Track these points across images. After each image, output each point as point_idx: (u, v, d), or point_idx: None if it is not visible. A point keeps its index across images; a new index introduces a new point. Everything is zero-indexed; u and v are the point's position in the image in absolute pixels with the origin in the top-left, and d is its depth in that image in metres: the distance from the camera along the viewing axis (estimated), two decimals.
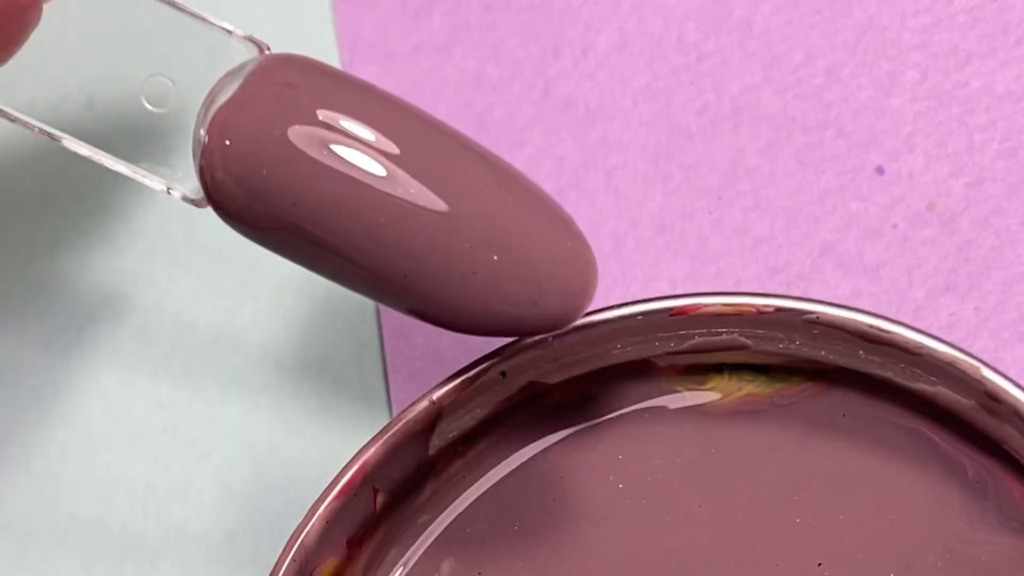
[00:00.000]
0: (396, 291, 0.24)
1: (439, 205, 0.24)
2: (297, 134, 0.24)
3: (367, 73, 0.33)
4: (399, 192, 0.24)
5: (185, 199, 0.26)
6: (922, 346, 0.26)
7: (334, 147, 0.24)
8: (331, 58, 0.33)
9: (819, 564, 0.26)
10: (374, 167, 0.24)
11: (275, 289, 0.32)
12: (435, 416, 0.26)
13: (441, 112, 0.32)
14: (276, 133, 0.24)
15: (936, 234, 0.30)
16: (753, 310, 0.26)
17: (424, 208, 0.24)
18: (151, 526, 0.31)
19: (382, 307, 0.31)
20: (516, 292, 0.24)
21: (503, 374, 0.27)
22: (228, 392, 0.31)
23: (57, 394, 0.32)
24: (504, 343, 0.26)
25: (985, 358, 0.28)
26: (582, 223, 0.31)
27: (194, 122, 0.25)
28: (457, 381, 0.26)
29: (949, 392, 0.26)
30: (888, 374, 0.26)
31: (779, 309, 0.26)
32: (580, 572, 0.27)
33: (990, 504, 0.26)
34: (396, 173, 0.24)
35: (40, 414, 0.32)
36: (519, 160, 0.32)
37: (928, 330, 0.26)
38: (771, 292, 0.27)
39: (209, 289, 0.32)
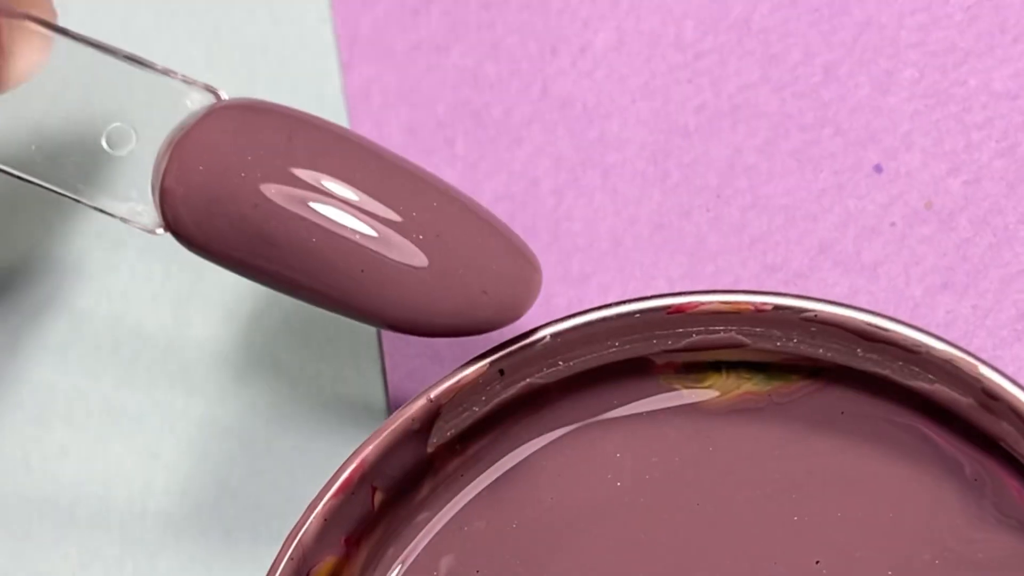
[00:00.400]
0: (351, 301, 0.25)
1: (392, 235, 0.25)
2: (248, 176, 0.25)
3: (366, 72, 0.33)
4: (350, 224, 0.25)
5: (145, 229, 0.27)
6: (920, 344, 0.26)
7: (284, 188, 0.25)
8: (330, 56, 0.33)
9: (817, 562, 0.26)
10: (325, 206, 0.25)
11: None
12: (433, 414, 0.26)
13: (439, 110, 0.32)
14: (227, 174, 0.25)
15: (934, 232, 0.30)
16: (751, 308, 0.26)
17: (375, 237, 0.25)
18: (149, 524, 0.31)
19: None
20: (464, 283, 0.25)
21: (501, 372, 0.27)
22: (226, 391, 0.31)
23: (57, 393, 0.32)
24: (503, 341, 0.26)
25: (983, 356, 0.28)
26: (580, 221, 0.31)
27: (153, 163, 0.26)
28: (455, 379, 0.26)
29: (947, 390, 0.26)
30: (886, 372, 0.26)
31: (777, 307, 0.26)
32: (578, 570, 0.27)
33: (987, 502, 0.26)
34: (347, 208, 0.25)
35: (40, 413, 0.32)
36: (517, 158, 0.32)
37: (926, 328, 0.26)
38: (769, 290, 0.27)
39: (207, 288, 0.32)
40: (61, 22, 0.28)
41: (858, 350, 0.26)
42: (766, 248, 0.30)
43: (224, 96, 0.27)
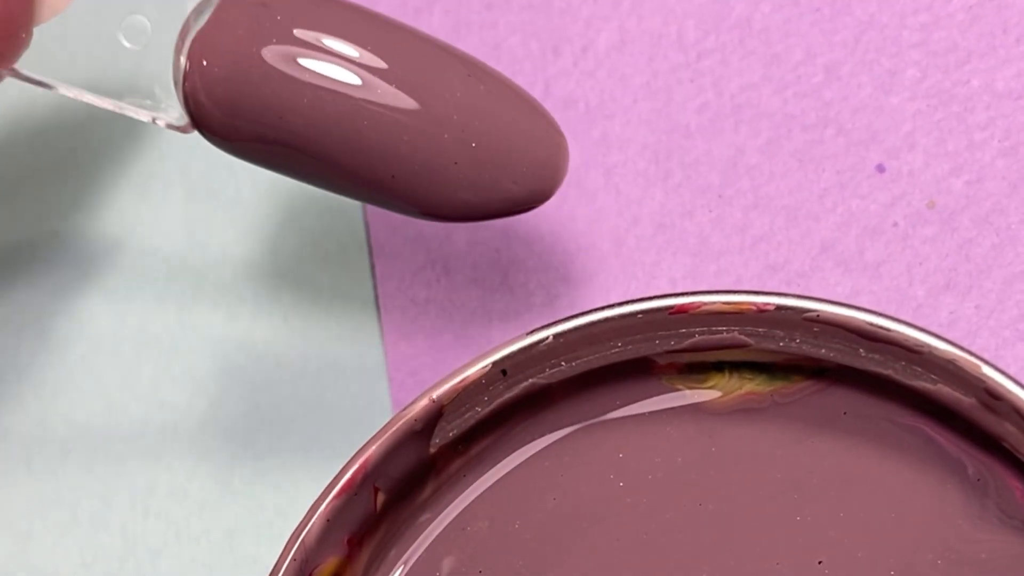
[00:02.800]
0: (385, 192, 0.26)
1: (414, 105, 0.25)
2: (273, 51, 0.25)
3: None
4: (376, 98, 0.25)
5: (171, 127, 0.27)
6: (922, 344, 0.26)
7: (308, 61, 0.25)
8: None
9: (819, 562, 0.26)
10: (349, 77, 0.25)
11: (275, 287, 0.32)
12: (436, 415, 0.26)
13: None
14: (252, 51, 0.25)
15: (936, 232, 0.30)
16: (753, 308, 0.26)
17: (401, 109, 0.25)
18: (151, 525, 0.31)
19: (384, 306, 0.31)
20: (495, 176, 0.26)
21: (504, 372, 0.27)
22: (228, 391, 0.31)
23: (58, 392, 0.32)
24: (504, 341, 0.26)
25: (986, 356, 0.28)
26: (582, 221, 0.31)
27: (172, 52, 0.26)
28: (457, 380, 0.26)
29: (949, 390, 0.26)
30: (888, 372, 0.26)
31: (779, 307, 0.26)
32: (580, 570, 0.27)
33: (990, 502, 0.26)
34: (371, 80, 0.25)
35: (40, 412, 0.32)
36: None
37: (928, 328, 0.26)
38: (771, 290, 0.27)
39: (211, 290, 0.32)
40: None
41: (860, 350, 0.26)
42: (768, 248, 0.30)
43: None
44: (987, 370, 0.25)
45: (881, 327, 0.26)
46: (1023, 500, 0.26)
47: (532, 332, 0.26)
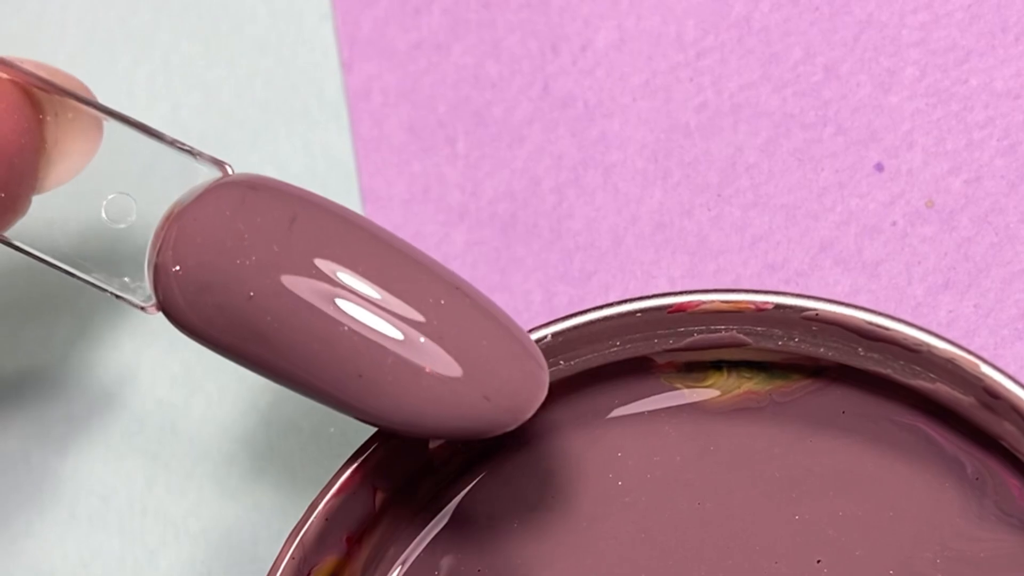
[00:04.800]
0: (347, 401, 0.24)
1: (394, 332, 0.23)
2: (248, 264, 0.24)
3: (366, 70, 0.33)
4: (361, 329, 0.23)
5: (136, 306, 0.26)
6: (921, 343, 0.26)
7: (284, 278, 0.23)
8: (330, 55, 0.33)
9: (818, 561, 0.26)
10: (324, 298, 0.23)
11: None
12: None
13: (440, 109, 0.32)
14: (224, 261, 0.24)
15: (935, 231, 0.30)
16: (752, 307, 0.26)
17: (378, 333, 0.23)
18: (150, 523, 0.31)
19: None
20: (465, 393, 0.24)
21: None
22: (227, 389, 0.31)
23: (57, 392, 0.32)
24: None
25: (984, 355, 0.28)
26: (581, 220, 0.31)
27: (151, 238, 0.25)
28: None
29: (948, 389, 0.26)
30: (887, 371, 0.26)
31: (778, 306, 0.26)
32: (579, 569, 0.27)
33: (989, 501, 0.26)
34: (349, 301, 0.23)
35: (40, 411, 0.32)
36: (518, 157, 0.32)
37: (927, 327, 0.26)
38: (770, 289, 0.27)
39: None
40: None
41: (859, 349, 0.26)
42: (767, 247, 0.30)
43: (231, 171, 0.26)
44: (986, 369, 0.25)
45: (880, 326, 0.26)
46: (1022, 499, 0.26)
47: (530, 331, 0.26)
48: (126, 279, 0.26)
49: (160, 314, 0.25)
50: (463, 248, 0.31)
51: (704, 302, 0.26)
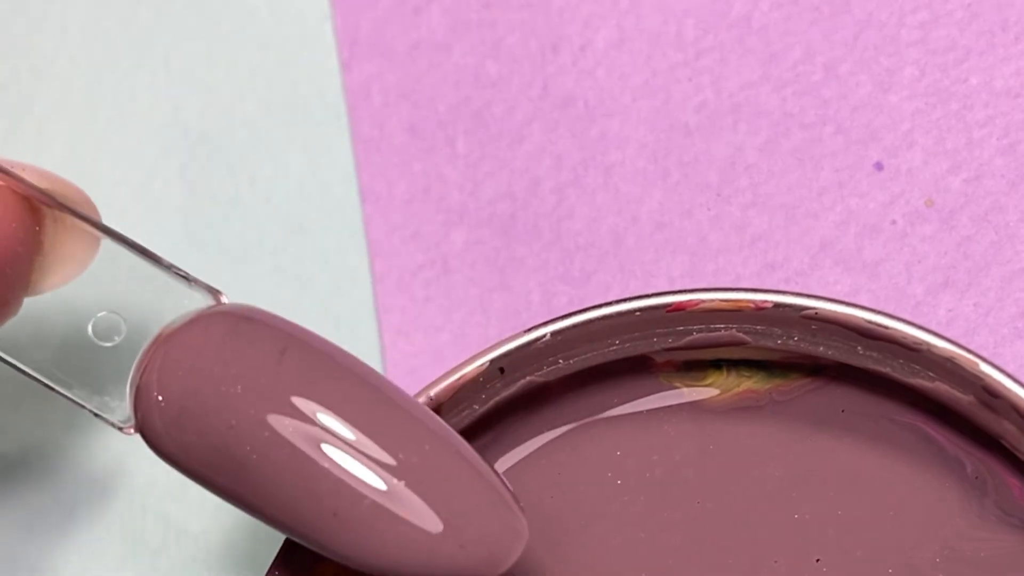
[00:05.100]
0: (319, 540, 0.24)
1: (374, 480, 0.23)
2: (232, 393, 0.23)
3: (366, 70, 0.33)
4: (331, 461, 0.23)
5: (113, 426, 0.25)
6: (921, 342, 0.26)
7: (268, 411, 0.23)
8: (330, 55, 0.33)
9: (817, 560, 0.26)
10: (306, 437, 0.23)
11: (274, 286, 0.32)
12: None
13: (440, 109, 0.32)
14: (208, 388, 0.23)
15: (935, 230, 0.30)
16: (751, 306, 0.26)
17: (357, 479, 0.23)
18: (149, 524, 0.31)
19: (382, 304, 0.31)
20: (440, 539, 0.23)
21: (501, 370, 0.27)
22: None
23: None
24: (502, 339, 0.26)
25: (984, 354, 0.28)
26: (581, 220, 0.31)
27: (137, 358, 0.25)
28: (455, 377, 0.26)
29: (948, 388, 0.26)
30: (886, 370, 0.26)
31: (777, 305, 0.26)
32: (578, 569, 0.27)
33: (989, 500, 0.26)
34: (330, 444, 0.23)
35: (40, 412, 0.32)
36: (518, 157, 0.32)
37: (927, 326, 0.26)
38: (769, 288, 0.27)
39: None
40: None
41: (859, 348, 0.26)
42: (767, 246, 0.30)
43: (225, 300, 0.25)
44: (985, 368, 0.25)
45: (879, 324, 0.26)
46: (1021, 498, 0.26)
47: (530, 330, 0.26)
48: (106, 397, 0.25)
49: (137, 435, 0.24)
50: (463, 248, 0.31)
51: (703, 301, 0.26)
